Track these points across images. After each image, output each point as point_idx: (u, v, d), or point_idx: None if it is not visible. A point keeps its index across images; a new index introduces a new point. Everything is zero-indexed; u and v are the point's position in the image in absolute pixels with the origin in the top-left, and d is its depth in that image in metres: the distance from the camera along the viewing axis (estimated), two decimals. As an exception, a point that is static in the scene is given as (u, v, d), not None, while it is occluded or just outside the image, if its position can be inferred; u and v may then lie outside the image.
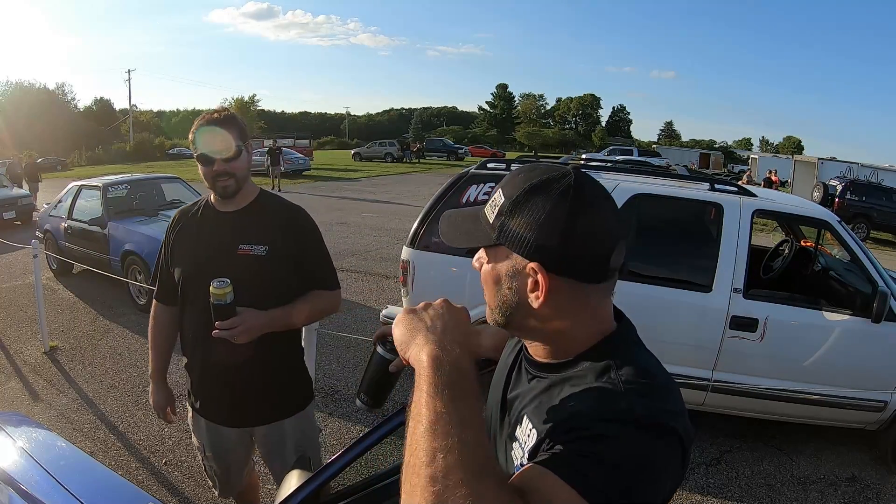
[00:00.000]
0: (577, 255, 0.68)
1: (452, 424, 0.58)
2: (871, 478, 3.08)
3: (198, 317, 1.63)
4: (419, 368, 0.66)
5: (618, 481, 0.58)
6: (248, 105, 55.54)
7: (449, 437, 0.57)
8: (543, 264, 0.68)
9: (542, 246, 0.68)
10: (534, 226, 0.68)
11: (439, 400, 0.60)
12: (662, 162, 21.52)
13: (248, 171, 1.66)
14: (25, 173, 14.11)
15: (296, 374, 1.84)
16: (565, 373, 0.72)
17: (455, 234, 0.79)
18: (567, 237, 0.67)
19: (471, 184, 3.54)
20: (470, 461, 0.55)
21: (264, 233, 1.65)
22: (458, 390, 0.62)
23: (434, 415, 0.59)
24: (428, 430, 0.58)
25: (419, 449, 0.57)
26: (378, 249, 8.42)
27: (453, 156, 36.44)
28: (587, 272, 0.69)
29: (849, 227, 3.35)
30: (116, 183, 6.54)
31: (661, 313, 3.12)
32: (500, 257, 0.73)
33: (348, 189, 18.51)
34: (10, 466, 1.53)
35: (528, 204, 0.69)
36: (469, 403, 0.61)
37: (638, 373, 0.68)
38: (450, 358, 0.65)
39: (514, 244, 0.70)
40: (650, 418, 0.62)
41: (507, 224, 0.71)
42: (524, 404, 0.75)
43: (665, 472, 0.62)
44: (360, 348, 4.45)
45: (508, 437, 0.77)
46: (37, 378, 4.02)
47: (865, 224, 12.87)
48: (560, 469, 0.58)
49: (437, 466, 0.55)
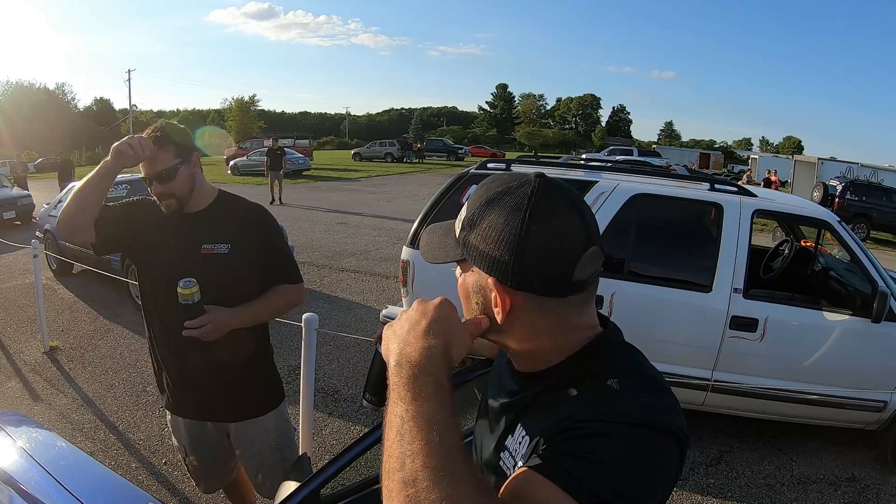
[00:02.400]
0: (531, 269, 0.65)
1: (417, 426, 0.57)
2: (871, 478, 3.08)
3: (168, 317, 1.67)
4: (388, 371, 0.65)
5: (610, 480, 0.57)
6: (249, 105, 55.55)
7: (414, 441, 0.56)
8: (498, 279, 0.66)
9: (495, 260, 0.66)
10: (489, 240, 0.66)
11: (401, 402, 0.60)
12: (662, 162, 21.49)
13: (191, 185, 1.67)
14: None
15: (265, 372, 1.89)
16: (552, 380, 0.70)
17: (431, 250, 0.77)
18: (520, 251, 0.64)
19: (471, 184, 3.54)
20: (437, 463, 0.54)
21: (226, 232, 1.70)
22: (421, 391, 0.60)
23: (398, 418, 0.59)
24: (395, 435, 0.58)
25: (391, 454, 0.57)
26: (378, 249, 8.42)
27: (453, 156, 36.44)
28: (546, 287, 0.66)
29: (849, 227, 3.35)
30: (116, 183, 6.54)
31: (661, 313, 3.13)
32: (468, 271, 0.72)
33: (348, 189, 18.50)
34: (10, 466, 1.53)
35: (486, 217, 0.67)
36: (433, 402, 0.59)
37: (629, 373, 0.67)
38: (412, 358, 0.63)
39: (474, 259, 0.69)
40: (644, 416, 0.61)
41: (468, 238, 0.69)
42: (515, 414, 0.74)
43: (660, 470, 0.61)
44: (360, 348, 4.45)
45: (497, 447, 0.75)
46: (37, 378, 4.02)
47: (865, 224, 12.87)
48: (548, 470, 0.58)
49: (406, 471, 0.55)
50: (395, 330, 0.69)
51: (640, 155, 27.73)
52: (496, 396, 0.81)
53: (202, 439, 1.87)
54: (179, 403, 1.83)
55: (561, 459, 0.59)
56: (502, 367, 0.84)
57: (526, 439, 0.69)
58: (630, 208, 3.26)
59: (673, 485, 0.65)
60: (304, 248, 8.01)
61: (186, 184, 1.65)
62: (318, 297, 6.03)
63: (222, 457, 1.95)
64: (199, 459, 1.91)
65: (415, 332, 0.66)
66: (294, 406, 3.52)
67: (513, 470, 0.70)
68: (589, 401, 0.64)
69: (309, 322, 2.60)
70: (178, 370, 1.76)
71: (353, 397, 3.74)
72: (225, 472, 2.02)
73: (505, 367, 0.82)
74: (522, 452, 0.68)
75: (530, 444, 0.67)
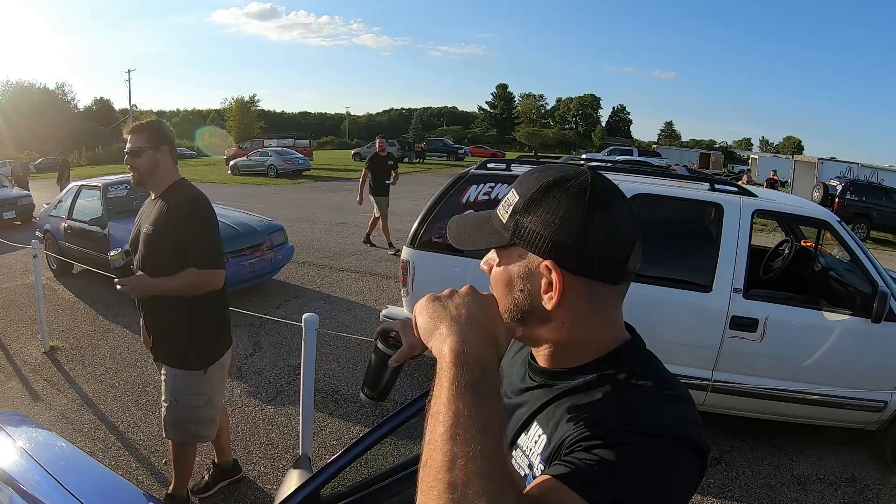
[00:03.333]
0: (593, 253, 0.66)
1: (474, 430, 0.55)
2: (871, 478, 3.08)
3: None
4: (441, 362, 0.62)
5: (633, 491, 0.56)
6: (249, 105, 55.51)
7: (470, 444, 0.54)
8: (558, 262, 0.66)
9: (557, 243, 0.66)
10: (550, 223, 0.67)
11: (461, 401, 0.57)
12: (662, 162, 21.49)
13: (152, 168, 2.13)
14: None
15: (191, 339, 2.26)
16: (578, 380, 0.69)
17: (465, 237, 0.77)
18: (584, 234, 0.65)
19: (471, 184, 3.54)
20: (491, 472, 0.53)
21: (157, 216, 2.13)
22: (481, 392, 0.58)
23: (454, 417, 0.56)
24: (448, 432, 0.56)
25: (437, 451, 0.55)
26: (378, 249, 8.42)
27: (453, 156, 36.43)
28: (604, 271, 0.67)
29: (849, 227, 3.35)
30: (116, 183, 6.54)
31: (661, 313, 3.13)
32: (512, 258, 0.71)
33: (349, 189, 18.49)
34: (10, 466, 1.53)
35: (544, 201, 0.68)
36: (491, 407, 0.58)
37: (659, 383, 0.67)
38: (474, 354, 0.61)
39: (529, 243, 0.68)
40: (672, 429, 0.61)
41: (522, 222, 0.69)
42: (531, 411, 0.73)
43: (682, 483, 0.61)
44: (360, 348, 4.45)
45: (509, 444, 0.74)
46: (37, 378, 4.02)
47: (865, 224, 12.88)
48: (575, 481, 0.57)
49: (456, 473, 0.53)
50: (451, 313, 0.67)
51: (640, 155, 27.73)
52: (508, 392, 0.80)
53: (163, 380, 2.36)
54: (153, 349, 2.36)
55: (589, 470, 0.58)
56: (516, 362, 0.84)
57: (543, 438, 0.68)
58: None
59: (691, 496, 0.65)
60: (304, 248, 8.01)
61: (147, 165, 2.11)
62: (318, 297, 6.03)
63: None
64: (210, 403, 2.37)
65: (477, 330, 0.64)
66: (294, 406, 3.53)
67: (526, 470, 0.69)
68: (618, 408, 0.63)
69: (309, 322, 2.60)
70: (145, 323, 2.34)
71: (353, 397, 3.74)
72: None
73: (521, 364, 0.81)
74: (539, 452, 0.68)
75: (549, 445, 0.66)
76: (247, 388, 3.88)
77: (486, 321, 0.66)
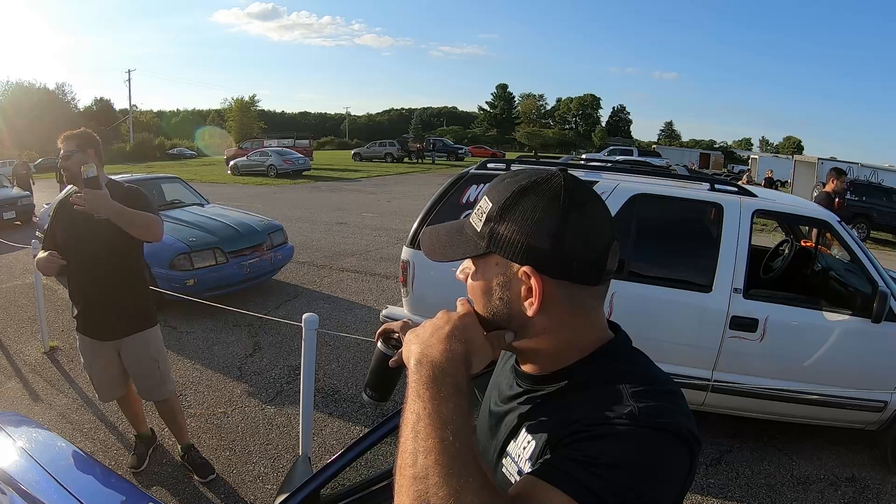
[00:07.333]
0: (571, 256, 0.66)
1: (433, 425, 0.58)
2: (871, 478, 3.08)
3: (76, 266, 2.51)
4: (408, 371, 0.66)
5: (617, 484, 0.56)
6: (249, 105, 55.54)
7: (429, 438, 0.58)
8: (536, 267, 0.66)
9: (534, 248, 0.66)
10: (525, 229, 0.66)
11: (419, 400, 0.61)
12: (662, 162, 21.51)
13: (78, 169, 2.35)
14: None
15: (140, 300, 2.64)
16: (563, 383, 0.70)
17: (439, 249, 0.76)
18: (561, 238, 0.65)
19: (471, 184, 3.54)
20: (449, 461, 0.56)
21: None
22: (438, 389, 0.61)
23: (415, 416, 0.60)
24: (411, 431, 0.59)
25: (405, 450, 0.59)
26: (378, 249, 8.42)
27: (453, 156, 36.46)
28: (583, 274, 0.67)
29: (849, 227, 3.35)
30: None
31: (661, 313, 3.13)
32: (488, 266, 0.70)
33: (348, 189, 18.51)
34: (10, 466, 1.53)
35: (518, 207, 0.67)
36: (450, 403, 0.60)
37: (643, 378, 0.67)
38: (431, 357, 0.64)
39: (505, 249, 0.68)
40: (656, 420, 0.60)
41: (497, 230, 0.68)
42: (518, 418, 0.73)
43: (668, 473, 0.60)
44: (360, 348, 4.45)
45: (499, 452, 0.74)
46: (37, 378, 4.02)
47: (865, 224, 12.86)
48: (555, 476, 0.57)
49: (418, 467, 0.56)
50: (419, 333, 0.70)
51: (640, 155, 27.73)
52: (497, 400, 0.80)
53: (101, 354, 2.63)
54: (84, 325, 2.60)
55: (568, 465, 0.58)
56: (505, 370, 0.84)
57: (532, 444, 0.68)
58: (630, 208, 3.25)
59: (685, 487, 0.64)
60: (304, 249, 8.01)
61: (76, 164, 2.39)
62: (318, 297, 6.03)
63: (115, 371, 2.68)
64: (98, 372, 2.68)
65: (437, 336, 0.67)
66: (294, 406, 3.53)
67: (516, 476, 0.69)
68: (598, 404, 0.63)
69: (309, 322, 2.60)
70: (83, 301, 2.58)
71: (353, 397, 3.74)
72: (118, 385, 2.74)
73: (509, 371, 0.81)
74: (527, 457, 0.68)
75: (536, 447, 0.67)
76: (247, 388, 3.88)
77: (453, 329, 0.68)
